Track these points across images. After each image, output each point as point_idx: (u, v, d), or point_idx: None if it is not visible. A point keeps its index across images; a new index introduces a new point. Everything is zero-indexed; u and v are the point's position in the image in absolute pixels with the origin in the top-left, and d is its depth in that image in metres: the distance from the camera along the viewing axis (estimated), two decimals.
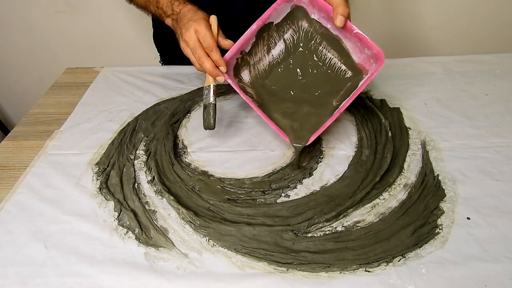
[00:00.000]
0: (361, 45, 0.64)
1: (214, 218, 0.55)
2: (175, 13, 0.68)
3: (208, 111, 0.65)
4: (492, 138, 0.66)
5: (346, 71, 0.69)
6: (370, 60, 0.64)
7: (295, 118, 0.66)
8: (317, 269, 0.48)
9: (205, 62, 0.62)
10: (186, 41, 0.63)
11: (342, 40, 0.67)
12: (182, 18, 0.65)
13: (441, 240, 0.50)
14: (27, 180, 0.62)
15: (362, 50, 0.65)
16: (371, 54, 0.63)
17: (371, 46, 0.62)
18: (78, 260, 0.50)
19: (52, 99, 0.83)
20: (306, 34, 0.70)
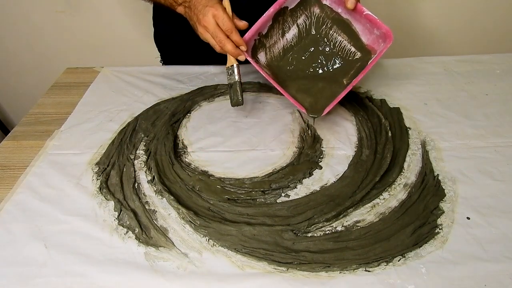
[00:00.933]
0: (370, 26, 0.69)
1: (214, 218, 0.55)
2: (187, 0, 0.68)
3: (235, 89, 0.69)
4: (492, 138, 0.66)
5: (355, 52, 0.74)
6: (379, 40, 0.69)
7: (310, 94, 0.71)
8: (317, 268, 0.48)
9: (226, 44, 0.65)
10: (205, 26, 0.65)
11: (352, 23, 0.72)
12: (196, 4, 0.66)
13: (441, 240, 0.50)
14: (27, 180, 0.62)
15: (372, 31, 0.70)
16: (379, 34, 0.68)
17: (380, 26, 0.67)
18: (78, 260, 0.50)
19: (52, 99, 0.83)
20: (318, 19, 0.75)
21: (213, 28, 0.65)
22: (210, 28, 0.65)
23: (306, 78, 0.75)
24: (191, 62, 0.93)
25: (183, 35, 0.88)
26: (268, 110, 0.76)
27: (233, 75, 0.69)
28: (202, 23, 0.66)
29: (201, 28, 0.67)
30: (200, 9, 0.66)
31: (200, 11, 0.66)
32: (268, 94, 0.81)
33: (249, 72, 0.87)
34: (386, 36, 0.66)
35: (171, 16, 0.87)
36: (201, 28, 0.66)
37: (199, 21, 0.66)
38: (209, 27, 0.65)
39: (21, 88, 1.52)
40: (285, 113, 0.75)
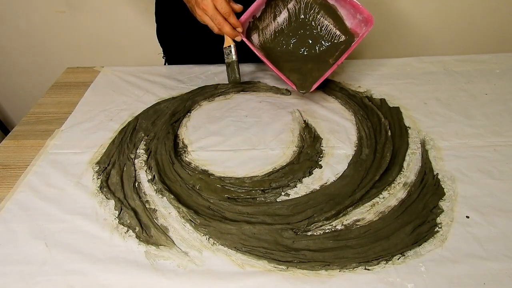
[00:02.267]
0: (354, 11, 0.76)
1: (214, 216, 0.55)
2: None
3: (233, 67, 0.76)
4: (491, 137, 0.67)
5: (340, 35, 0.81)
6: (361, 25, 0.76)
7: (300, 73, 0.78)
8: (317, 267, 0.48)
9: (224, 26, 0.70)
10: (204, 9, 0.69)
11: (338, 8, 0.79)
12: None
13: (441, 239, 0.50)
14: (28, 179, 0.62)
15: (355, 15, 0.77)
16: (362, 19, 0.75)
17: (362, 11, 0.74)
18: (79, 259, 0.50)
19: (53, 99, 0.83)
20: (306, 5, 0.82)
21: (212, 11, 0.68)
22: (209, 11, 0.68)
23: (296, 59, 0.81)
24: (193, 57, 0.93)
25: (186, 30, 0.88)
26: (268, 110, 0.77)
27: (231, 54, 0.75)
28: (200, 6, 0.69)
29: (199, 11, 0.70)
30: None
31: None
32: (268, 94, 0.81)
33: (249, 72, 0.88)
34: (367, 21, 0.74)
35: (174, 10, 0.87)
36: (200, 10, 0.70)
37: (198, 4, 0.69)
38: (208, 10, 0.68)
39: (21, 87, 1.53)
40: (285, 112, 0.76)
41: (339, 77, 0.85)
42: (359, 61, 0.91)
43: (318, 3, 0.80)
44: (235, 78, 0.78)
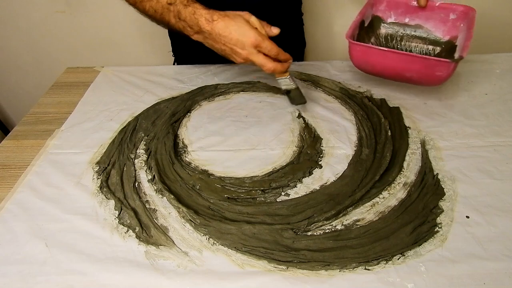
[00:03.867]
0: (444, 14, 0.75)
1: (214, 216, 0.55)
2: (205, 31, 0.62)
3: (296, 93, 0.72)
4: (491, 137, 0.66)
5: (434, 48, 0.79)
6: (456, 23, 0.75)
7: None
8: (317, 267, 0.48)
9: (278, 67, 0.63)
10: (249, 58, 0.62)
11: (422, 24, 0.78)
12: (221, 34, 0.61)
13: (441, 239, 0.50)
14: (28, 179, 0.62)
15: (447, 18, 0.75)
16: (456, 17, 0.74)
17: (456, 8, 0.73)
18: (79, 259, 0.50)
19: (53, 99, 0.83)
20: (386, 38, 0.82)
21: (261, 60, 0.62)
22: (258, 61, 0.62)
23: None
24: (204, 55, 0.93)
25: None
26: (268, 110, 0.77)
27: (292, 82, 0.70)
28: (242, 56, 0.62)
29: (238, 59, 0.63)
30: (233, 40, 0.61)
31: (234, 42, 0.61)
32: (268, 94, 0.81)
33: (249, 71, 0.88)
34: (466, 14, 0.72)
35: None
36: (239, 59, 0.63)
37: (236, 53, 0.62)
38: (256, 60, 0.62)
39: (21, 87, 1.53)
40: (285, 112, 0.76)
41: (339, 77, 0.85)
42: None
43: (398, 33, 0.80)
44: (303, 102, 0.74)
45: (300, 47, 1.04)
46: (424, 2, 0.74)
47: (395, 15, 0.79)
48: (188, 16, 0.62)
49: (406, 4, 0.77)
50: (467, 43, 0.67)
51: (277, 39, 0.92)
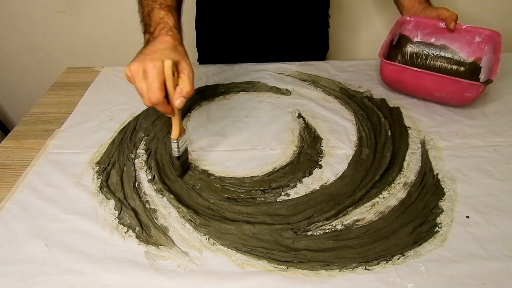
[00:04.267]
0: (470, 37, 0.78)
1: (214, 216, 0.55)
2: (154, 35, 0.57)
3: (178, 164, 0.61)
4: (491, 137, 0.67)
5: (458, 68, 0.81)
6: (481, 46, 0.77)
7: None
8: (317, 267, 0.48)
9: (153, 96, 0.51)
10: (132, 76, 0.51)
11: (448, 45, 0.81)
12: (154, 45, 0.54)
13: (441, 239, 0.50)
14: (28, 179, 0.62)
15: (472, 41, 0.78)
16: (482, 40, 0.77)
17: (481, 31, 0.76)
18: (79, 259, 0.50)
19: (53, 99, 0.83)
20: (411, 56, 0.84)
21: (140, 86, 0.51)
22: (137, 84, 0.51)
23: None
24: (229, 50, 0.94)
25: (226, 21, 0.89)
26: (268, 110, 0.77)
27: (177, 149, 0.59)
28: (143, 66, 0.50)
29: (135, 66, 0.51)
30: (153, 50, 0.53)
31: (145, 53, 0.52)
32: (268, 94, 0.81)
33: (249, 71, 0.88)
34: (491, 38, 0.75)
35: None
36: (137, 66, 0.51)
37: (143, 59, 0.51)
38: (136, 82, 0.51)
39: (21, 87, 1.52)
40: (285, 112, 0.76)
41: (339, 77, 0.85)
42: (359, 62, 0.91)
43: (423, 51, 0.83)
44: (178, 175, 0.62)
45: (322, 51, 1.04)
46: (453, 25, 0.77)
47: (421, 35, 0.83)
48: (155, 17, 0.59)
49: (433, 25, 0.80)
50: (495, 67, 0.70)
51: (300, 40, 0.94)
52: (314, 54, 0.98)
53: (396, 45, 0.84)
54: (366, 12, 1.27)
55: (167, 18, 0.58)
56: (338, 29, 1.24)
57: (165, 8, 0.60)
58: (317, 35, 0.99)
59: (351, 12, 1.25)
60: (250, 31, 0.90)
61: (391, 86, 0.79)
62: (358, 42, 1.34)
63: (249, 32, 0.91)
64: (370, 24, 1.29)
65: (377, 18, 1.29)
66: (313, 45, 0.99)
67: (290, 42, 0.94)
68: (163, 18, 0.58)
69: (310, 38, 0.97)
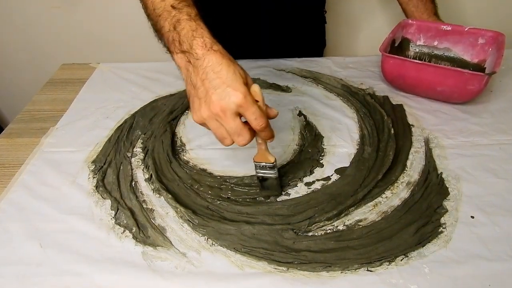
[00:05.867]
0: (473, 39, 0.78)
1: (213, 216, 0.55)
2: (194, 54, 0.48)
3: (277, 182, 0.57)
4: (496, 135, 0.66)
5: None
6: (484, 48, 0.77)
7: None
8: (318, 268, 0.48)
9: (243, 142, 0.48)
10: (219, 116, 0.46)
11: (451, 48, 0.81)
12: (207, 70, 0.46)
13: (445, 239, 0.50)
14: (22, 178, 0.62)
15: (475, 43, 0.78)
16: (485, 42, 0.77)
17: (484, 33, 0.76)
18: (75, 259, 0.50)
19: (47, 96, 0.83)
20: (414, 58, 0.84)
21: (237, 126, 0.46)
22: (229, 124, 0.46)
23: None
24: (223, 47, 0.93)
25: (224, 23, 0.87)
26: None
27: (274, 170, 0.55)
28: (213, 110, 0.46)
29: (207, 112, 0.47)
30: (215, 83, 0.46)
31: (216, 85, 0.46)
32: (269, 91, 0.81)
33: (248, 68, 0.87)
34: (494, 39, 0.75)
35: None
36: (208, 112, 0.47)
37: (209, 102, 0.46)
38: (227, 122, 0.46)
39: (15, 84, 1.52)
40: (285, 110, 0.75)
41: (340, 73, 0.85)
42: (361, 58, 0.91)
43: (426, 53, 0.83)
44: (278, 194, 0.59)
45: (319, 47, 1.04)
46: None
47: (424, 38, 0.83)
48: (185, 29, 0.49)
49: (436, 28, 0.80)
50: (498, 60, 0.70)
51: (296, 36, 0.93)
52: (311, 50, 0.97)
53: (398, 48, 0.84)
54: (363, 8, 1.26)
55: (202, 29, 0.49)
56: (335, 24, 1.23)
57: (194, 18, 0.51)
58: (313, 31, 0.99)
59: (348, 7, 1.25)
60: (244, 26, 0.90)
61: (392, 82, 0.79)
62: (356, 38, 1.34)
63: (243, 27, 0.90)
64: (368, 20, 1.29)
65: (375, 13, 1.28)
66: (309, 41, 0.99)
67: (286, 38, 0.93)
68: (197, 30, 0.49)
69: (306, 34, 0.96)
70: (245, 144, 0.48)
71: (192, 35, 0.49)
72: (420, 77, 0.72)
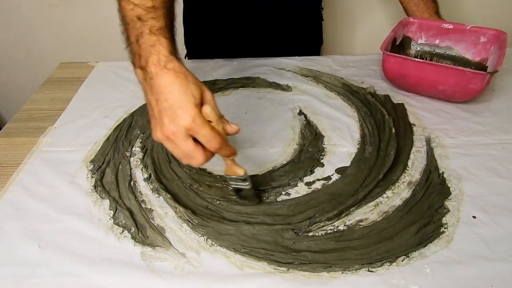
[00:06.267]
0: (475, 37, 0.78)
1: (213, 216, 0.55)
2: (148, 71, 0.47)
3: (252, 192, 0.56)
4: (498, 134, 0.66)
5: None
6: (486, 46, 0.77)
7: None
8: (319, 269, 0.48)
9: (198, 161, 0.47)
10: (171, 139, 0.45)
11: (452, 46, 0.81)
12: (161, 93, 0.46)
13: (446, 240, 0.50)
14: (20, 178, 0.62)
15: (477, 41, 0.78)
16: (487, 40, 0.77)
17: (486, 31, 0.76)
18: (73, 260, 0.50)
19: (46, 95, 0.83)
20: (416, 57, 0.82)
21: (188, 149, 0.45)
22: (181, 147, 0.45)
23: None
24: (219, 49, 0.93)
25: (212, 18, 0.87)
26: (268, 106, 0.76)
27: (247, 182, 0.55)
28: (165, 132, 0.45)
29: (160, 134, 0.46)
30: (166, 105, 0.45)
31: (166, 109, 0.45)
32: (268, 90, 0.81)
33: (248, 67, 0.87)
34: (496, 37, 0.75)
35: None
36: (161, 134, 0.46)
37: (161, 124, 0.45)
38: (178, 145, 0.45)
39: (13, 83, 1.52)
40: (286, 109, 0.75)
41: (341, 72, 0.85)
42: (361, 56, 0.91)
43: (428, 52, 0.83)
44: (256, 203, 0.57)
45: (316, 45, 1.03)
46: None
47: (425, 37, 0.83)
48: (145, 44, 0.48)
49: (437, 26, 0.80)
50: (500, 59, 0.70)
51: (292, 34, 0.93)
52: (308, 48, 0.97)
53: (399, 46, 0.84)
54: (360, 5, 1.26)
55: (160, 45, 0.47)
56: (332, 22, 1.23)
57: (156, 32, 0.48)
58: (310, 29, 0.98)
59: (345, 4, 1.25)
60: (240, 24, 0.90)
61: (393, 81, 0.79)
62: (353, 35, 1.34)
63: (239, 25, 0.90)
64: (364, 17, 1.29)
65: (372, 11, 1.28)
66: (306, 39, 0.98)
67: (282, 35, 0.93)
68: (154, 46, 0.47)
69: (303, 32, 0.96)
70: (201, 165, 0.47)
71: (149, 51, 0.47)
72: (421, 76, 0.72)
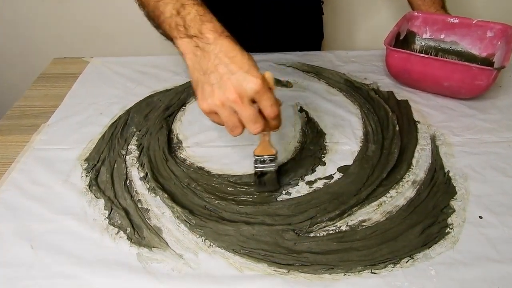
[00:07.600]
0: (481, 32, 0.77)
1: (211, 217, 0.55)
2: (205, 38, 0.48)
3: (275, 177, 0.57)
4: (505, 132, 0.66)
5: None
6: (493, 41, 0.77)
7: None
8: (320, 270, 0.48)
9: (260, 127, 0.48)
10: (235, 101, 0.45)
11: (458, 41, 0.81)
12: (220, 54, 0.46)
13: (452, 240, 0.50)
14: (12, 177, 0.62)
15: (484, 36, 0.78)
16: (494, 35, 0.76)
17: (493, 26, 0.76)
18: (68, 261, 0.50)
19: (39, 91, 0.83)
20: (421, 52, 0.83)
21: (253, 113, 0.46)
22: (246, 111, 0.46)
23: None
24: None
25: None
26: None
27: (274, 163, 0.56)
28: (230, 95, 0.45)
29: (222, 98, 0.46)
30: (231, 68, 0.45)
31: (232, 72, 0.45)
32: None
33: None
34: (503, 32, 0.75)
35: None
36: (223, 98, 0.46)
37: (224, 87, 0.45)
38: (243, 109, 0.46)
39: (5, 79, 1.52)
40: (286, 105, 0.75)
41: (343, 68, 0.85)
42: (364, 52, 0.91)
43: (433, 47, 0.83)
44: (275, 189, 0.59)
45: (317, 39, 1.03)
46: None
47: (430, 31, 0.83)
48: (192, 14, 0.49)
49: (443, 20, 0.80)
50: (508, 54, 0.69)
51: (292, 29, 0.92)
52: (308, 43, 0.97)
53: (403, 41, 0.83)
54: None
55: (210, 14, 0.49)
56: (333, 16, 1.23)
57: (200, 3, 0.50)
58: (311, 23, 0.98)
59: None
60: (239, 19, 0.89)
61: (397, 77, 0.78)
62: (354, 29, 1.34)
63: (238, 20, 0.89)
64: (367, 11, 1.29)
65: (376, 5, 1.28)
66: (307, 33, 0.98)
67: (283, 30, 0.93)
68: (205, 15, 0.49)
69: (303, 26, 0.96)
70: (258, 133, 0.49)
71: (200, 20, 0.48)
72: (426, 71, 0.72)
